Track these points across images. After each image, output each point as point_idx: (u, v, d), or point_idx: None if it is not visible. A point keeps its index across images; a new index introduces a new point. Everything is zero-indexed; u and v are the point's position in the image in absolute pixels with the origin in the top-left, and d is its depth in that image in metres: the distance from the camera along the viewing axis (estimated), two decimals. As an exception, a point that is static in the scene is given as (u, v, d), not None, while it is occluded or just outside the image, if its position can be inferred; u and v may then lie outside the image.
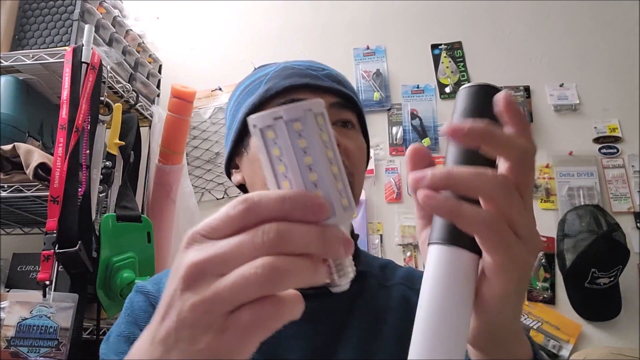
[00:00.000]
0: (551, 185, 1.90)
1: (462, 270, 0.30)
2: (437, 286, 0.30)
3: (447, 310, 0.30)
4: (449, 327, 0.29)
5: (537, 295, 1.78)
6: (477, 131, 0.28)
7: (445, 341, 0.29)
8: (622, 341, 1.69)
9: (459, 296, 0.30)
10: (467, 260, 0.30)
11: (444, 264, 0.30)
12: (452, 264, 0.30)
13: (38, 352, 1.22)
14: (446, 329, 0.29)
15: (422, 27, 2.18)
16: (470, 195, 0.29)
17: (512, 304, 0.31)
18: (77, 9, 1.59)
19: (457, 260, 0.30)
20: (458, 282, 0.30)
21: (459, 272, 0.30)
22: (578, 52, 2.05)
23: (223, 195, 2.06)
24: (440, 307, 0.30)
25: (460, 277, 0.30)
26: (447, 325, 0.29)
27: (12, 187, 1.39)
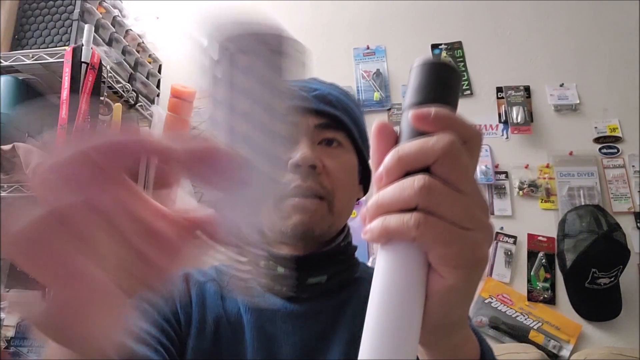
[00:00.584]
0: (551, 185, 1.90)
1: (410, 265, 0.30)
2: (386, 283, 0.30)
3: (396, 307, 0.29)
4: (398, 326, 0.29)
5: (537, 296, 1.78)
6: (441, 117, 0.29)
7: (394, 339, 0.29)
8: (623, 341, 1.69)
9: (407, 293, 0.29)
10: (416, 255, 0.30)
11: (392, 260, 0.30)
12: (400, 259, 0.30)
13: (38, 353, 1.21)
14: (395, 328, 0.29)
15: (422, 27, 2.18)
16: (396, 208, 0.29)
17: (457, 299, 0.30)
18: (76, 8, 1.59)
19: (405, 256, 0.30)
20: (406, 278, 0.29)
21: (407, 268, 0.30)
22: (578, 52, 2.05)
23: (223, 195, 2.06)
24: (388, 304, 0.29)
25: (409, 272, 0.29)
26: (396, 324, 0.29)
27: (11, 187, 1.39)
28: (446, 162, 0.28)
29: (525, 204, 1.90)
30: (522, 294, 1.79)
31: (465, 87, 2.08)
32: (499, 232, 1.86)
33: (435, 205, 0.28)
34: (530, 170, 1.93)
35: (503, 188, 1.92)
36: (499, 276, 1.82)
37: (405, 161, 0.29)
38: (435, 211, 0.28)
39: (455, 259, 0.28)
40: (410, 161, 0.28)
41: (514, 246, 1.84)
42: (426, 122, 0.29)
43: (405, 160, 0.29)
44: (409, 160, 0.28)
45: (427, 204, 0.28)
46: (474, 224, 0.28)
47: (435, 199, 0.28)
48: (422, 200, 0.27)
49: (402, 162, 0.29)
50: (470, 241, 0.28)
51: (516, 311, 1.77)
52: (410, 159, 0.28)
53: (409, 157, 0.28)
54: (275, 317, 0.61)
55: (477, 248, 0.29)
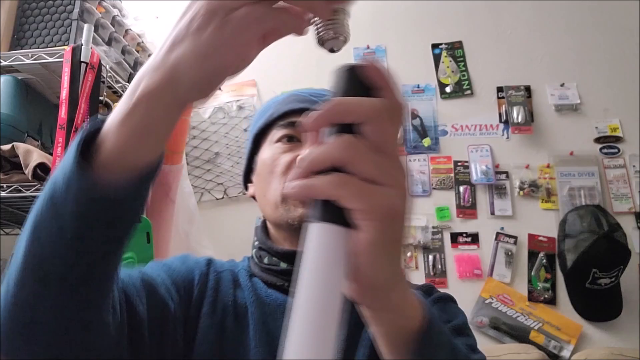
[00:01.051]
0: (552, 186, 1.89)
1: (330, 246, 0.31)
2: (305, 265, 0.31)
3: (314, 289, 0.30)
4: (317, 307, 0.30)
5: (538, 296, 1.78)
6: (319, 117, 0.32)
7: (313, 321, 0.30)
8: (623, 342, 1.69)
9: (326, 272, 0.30)
10: (334, 235, 0.31)
11: (312, 242, 0.31)
12: (319, 240, 0.31)
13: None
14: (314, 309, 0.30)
15: (423, 26, 2.18)
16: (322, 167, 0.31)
17: (381, 253, 0.31)
18: (76, 8, 1.59)
19: (324, 236, 0.31)
20: (325, 259, 0.31)
21: (327, 249, 0.31)
22: (579, 51, 2.04)
23: (223, 195, 2.06)
24: (307, 286, 0.30)
25: (330, 253, 0.31)
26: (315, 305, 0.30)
27: (11, 187, 1.39)
28: (373, 123, 0.31)
29: (525, 204, 1.89)
30: (522, 294, 1.79)
31: (465, 87, 2.07)
32: (499, 232, 1.86)
33: (349, 161, 0.30)
34: (531, 170, 1.92)
35: (503, 188, 1.91)
36: (499, 276, 1.81)
37: (338, 111, 0.31)
38: (354, 166, 0.30)
39: (371, 212, 0.30)
40: (342, 113, 0.31)
41: (514, 246, 1.84)
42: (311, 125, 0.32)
43: (338, 110, 0.31)
44: (344, 111, 0.31)
45: (342, 158, 0.30)
46: (388, 180, 0.31)
47: (355, 155, 0.30)
48: (344, 155, 0.30)
49: (339, 112, 0.31)
50: (384, 195, 0.31)
51: (517, 311, 1.77)
52: (342, 110, 0.31)
53: (343, 108, 0.31)
54: (277, 312, 0.62)
55: (390, 201, 0.31)
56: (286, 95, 0.72)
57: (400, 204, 0.32)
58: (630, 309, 1.72)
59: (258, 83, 2.17)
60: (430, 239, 1.88)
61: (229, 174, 2.08)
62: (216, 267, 0.68)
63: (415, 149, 2.01)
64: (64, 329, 0.40)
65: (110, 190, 0.36)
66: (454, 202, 1.93)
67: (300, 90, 0.73)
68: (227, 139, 2.12)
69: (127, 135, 0.36)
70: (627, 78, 1.98)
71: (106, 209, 0.36)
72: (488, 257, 1.84)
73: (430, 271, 1.85)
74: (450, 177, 1.96)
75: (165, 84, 0.34)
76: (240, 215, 1.99)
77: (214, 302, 0.63)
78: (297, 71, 2.15)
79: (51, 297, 0.38)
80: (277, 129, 0.68)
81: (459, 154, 1.98)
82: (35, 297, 0.38)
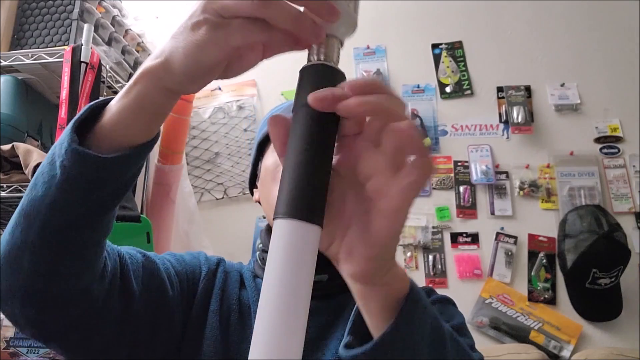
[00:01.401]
0: (552, 186, 1.89)
1: (303, 245, 0.31)
2: (273, 261, 0.31)
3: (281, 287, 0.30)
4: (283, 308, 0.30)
5: (538, 296, 1.78)
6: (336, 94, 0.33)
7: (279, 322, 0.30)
8: (623, 342, 1.69)
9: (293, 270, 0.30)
10: (308, 234, 0.31)
11: (283, 240, 0.31)
12: (293, 239, 0.31)
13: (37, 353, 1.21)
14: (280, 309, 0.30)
15: (422, 26, 2.18)
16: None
17: (402, 219, 0.34)
18: (76, 8, 1.59)
19: (299, 235, 0.31)
20: (292, 256, 0.31)
21: (300, 248, 0.31)
22: (579, 51, 2.04)
23: (223, 195, 2.06)
24: (274, 284, 0.30)
25: (302, 252, 0.31)
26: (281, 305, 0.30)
27: (11, 187, 1.39)
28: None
29: (525, 204, 1.89)
30: (522, 294, 1.79)
31: (465, 87, 2.07)
32: (499, 232, 1.86)
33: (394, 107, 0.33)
34: (531, 170, 1.92)
35: (504, 188, 1.91)
36: (499, 276, 1.81)
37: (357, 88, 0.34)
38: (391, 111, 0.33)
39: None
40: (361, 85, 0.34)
41: (514, 246, 1.84)
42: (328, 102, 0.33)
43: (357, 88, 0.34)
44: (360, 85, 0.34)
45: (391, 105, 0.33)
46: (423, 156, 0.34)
47: (394, 102, 0.34)
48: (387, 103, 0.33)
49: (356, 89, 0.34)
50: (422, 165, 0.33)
51: (517, 311, 1.77)
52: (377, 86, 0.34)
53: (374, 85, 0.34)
54: None
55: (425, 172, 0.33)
56: (289, 103, 0.73)
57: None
58: (630, 309, 1.72)
59: (258, 83, 2.17)
60: (430, 239, 1.88)
61: (229, 174, 2.08)
62: (225, 267, 0.71)
63: (415, 149, 2.01)
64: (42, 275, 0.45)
65: (96, 152, 0.40)
66: (454, 202, 1.93)
67: None
68: (227, 139, 2.12)
69: (121, 109, 0.41)
70: (627, 78, 1.98)
71: (90, 169, 0.40)
72: (488, 257, 1.84)
73: (430, 271, 1.85)
74: (450, 177, 1.96)
75: (160, 69, 0.38)
76: (240, 215, 2.00)
77: (220, 299, 0.65)
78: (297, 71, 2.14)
79: (31, 238, 0.43)
80: None
81: (459, 154, 1.98)
82: (22, 234, 0.43)
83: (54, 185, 0.42)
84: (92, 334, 0.51)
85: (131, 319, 0.54)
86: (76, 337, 0.50)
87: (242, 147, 2.09)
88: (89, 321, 0.50)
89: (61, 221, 0.43)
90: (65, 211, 0.42)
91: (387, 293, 0.39)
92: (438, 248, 1.88)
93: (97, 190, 0.42)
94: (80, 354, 0.53)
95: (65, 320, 0.48)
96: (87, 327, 0.50)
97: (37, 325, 0.48)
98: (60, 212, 0.42)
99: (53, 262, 0.44)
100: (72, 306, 0.47)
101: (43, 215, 0.42)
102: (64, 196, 0.42)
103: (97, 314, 0.50)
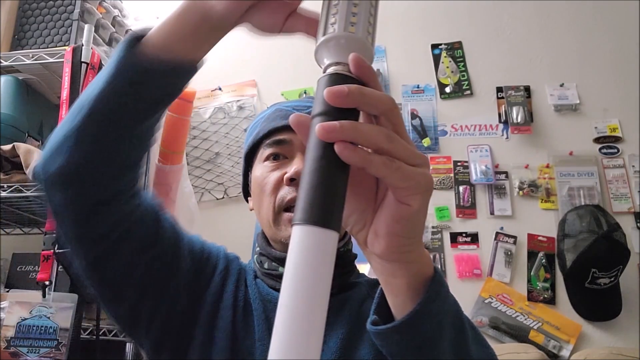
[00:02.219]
0: (551, 185, 1.90)
1: (318, 249, 0.32)
2: (292, 269, 0.32)
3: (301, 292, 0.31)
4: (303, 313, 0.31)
5: (537, 296, 1.78)
6: (355, 92, 0.34)
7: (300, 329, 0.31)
8: (623, 341, 1.69)
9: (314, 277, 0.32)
10: (324, 239, 0.32)
11: (300, 245, 0.32)
12: (309, 244, 0.32)
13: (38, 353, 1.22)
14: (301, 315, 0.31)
15: (422, 27, 2.18)
16: (368, 146, 0.35)
17: (420, 218, 0.38)
18: (76, 8, 1.59)
19: (315, 240, 0.32)
20: (313, 262, 0.32)
21: (316, 252, 0.32)
22: (578, 52, 2.05)
23: (223, 195, 2.06)
24: (296, 289, 0.31)
25: (317, 256, 0.32)
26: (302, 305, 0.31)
27: (11, 187, 1.39)
28: (394, 115, 0.36)
29: (525, 204, 1.90)
30: (522, 294, 1.79)
31: (465, 87, 2.08)
32: (499, 232, 1.86)
33: (395, 150, 0.35)
34: (530, 170, 1.93)
35: (503, 188, 1.92)
36: (499, 276, 1.82)
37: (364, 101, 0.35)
38: (396, 155, 0.35)
39: (416, 188, 0.36)
40: (371, 103, 0.35)
41: (514, 246, 1.84)
42: (344, 99, 0.34)
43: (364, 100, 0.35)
44: (371, 101, 0.35)
45: (390, 148, 0.35)
46: (420, 160, 0.37)
47: (395, 145, 0.35)
48: (387, 145, 0.35)
49: (365, 102, 0.35)
50: (423, 175, 0.37)
51: (516, 311, 1.77)
52: (372, 101, 0.35)
53: (372, 98, 0.35)
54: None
55: (427, 177, 0.37)
56: (271, 111, 0.75)
57: (431, 178, 0.38)
58: (630, 308, 1.72)
59: (258, 83, 2.17)
60: (429, 239, 1.88)
61: (229, 174, 2.08)
62: (240, 265, 0.74)
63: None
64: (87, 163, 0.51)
65: (143, 61, 0.46)
66: (453, 202, 1.93)
67: (284, 104, 0.76)
68: (227, 139, 2.12)
69: (167, 33, 0.46)
70: (627, 78, 1.98)
71: (135, 67, 0.46)
72: (487, 257, 1.85)
73: (430, 271, 1.86)
74: (450, 177, 1.96)
75: (202, 4, 0.44)
76: (240, 215, 2.00)
77: (234, 295, 0.68)
78: (297, 71, 2.15)
79: (77, 124, 0.49)
80: (264, 147, 0.71)
81: (458, 154, 1.99)
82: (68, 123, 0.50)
83: (103, 80, 0.48)
84: (122, 245, 0.57)
85: (155, 249, 0.61)
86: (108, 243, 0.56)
87: (242, 147, 2.10)
88: (124, 226, 0.56)
89: (105, 110, 0.48)
90: (110, 101, 0.48)
91: (413, 271, 0.41)
92: (438, 248, 1.88)
93: (138, 89, 0.48)
94: (103, 269, 0.58)
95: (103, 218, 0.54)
96: (120, 235, 0.56)
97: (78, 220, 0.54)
98: (105, 102, 0.48)
99: (93, 150, 0.50)
100: (107, 204, 0.54)
101: (90, 104, 0.48)
102: (110, 88, 0.47)
103: (130, 225, 0.57)
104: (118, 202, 0.55)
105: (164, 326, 0.64)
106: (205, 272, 0.69)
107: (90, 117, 0.49)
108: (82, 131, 0.49)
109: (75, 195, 0.52)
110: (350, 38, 0.37)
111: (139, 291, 0.61)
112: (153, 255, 0.61)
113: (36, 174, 0.53)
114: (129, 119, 0.50)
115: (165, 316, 0.64)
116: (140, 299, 0.62)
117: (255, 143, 0.73)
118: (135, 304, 0.62)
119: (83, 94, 0.51)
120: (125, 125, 0.50)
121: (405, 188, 0.36)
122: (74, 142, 0.50)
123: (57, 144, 0.51)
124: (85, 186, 0.52)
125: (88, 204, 0.53)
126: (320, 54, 0.39)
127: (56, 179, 0.51)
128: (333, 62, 0.37)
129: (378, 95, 0.35)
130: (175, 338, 0.64)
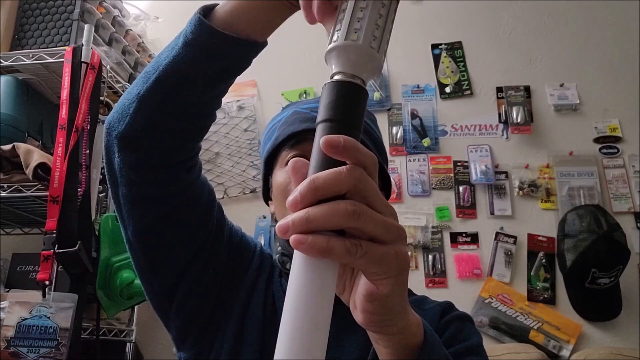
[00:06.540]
0: (551, 185, 1.90)
1: (325, 274, 0.32)
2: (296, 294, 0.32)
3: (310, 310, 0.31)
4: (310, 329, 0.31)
5: (537, 296, 1.78)
6: (349, 147, 0.32)
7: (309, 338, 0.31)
8: (623, 341, 1.69)
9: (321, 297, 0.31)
10: (327, 267, 0.32)
11: (303, 272, 0.32)
12: (311, 272, 0.32)
13: (38, 352, 1.21)
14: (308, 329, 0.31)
15: (422, 27, 2.18)
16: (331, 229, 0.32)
17: (394, 300, 0.35)
18: (76, 8, 1.59)
19: (321, 266, 0.32)
20: (320, 284, 0.32)
21: (322, 276, 0.32)
22: (578, 52, 2.05)
23: (223, 195, 2.06)
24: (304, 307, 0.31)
25: (321, 285, 0.32)
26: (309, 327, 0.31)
27: (11, 187, 1.39)
28: (360, 189, 0.32)
29: (525, 204, 1.90)
30: (522, 294, 1.79)
31: (465, 87, 2.08)
32: (499, 232, 1.86)
33: (364, 227, 0.32)
34: (530, 170, 1.93)
35: (503, 188, 1.92)
36: (499, 276, 1.82)
37: (321, 191, 0.31)
38: (365, 232, 0.32)
39: (386, 273, 0.33)
40: (325, 191, 0.32)
41: (514, 246, 1.84)
42: (336, 151, 0.32)
43: (321, 190, 0.31)
44: (325, 190, 0.32)
45: (357, 225, 0.31)
46: (394, 235, 0.33)
47: (363, 221, 0.31)
48: (352, 222, 0.31)
49: (319, 192, 0.32)
50: (395, 254, 0.33)
51: (516, 311, 1.77)
52: (326, 189, 0.32)
53: (325, 187, 0.32)
54: None
55: (401, 257, 0.33)
56: (289, 114, 0.75)
57: (407, 255, 0.35)
58: (630, 308, 1.72)
59: (258, 83, 2.18)
60: (429, 239, 1.88)
61: (229, 174, 2.08)
62: (272, 262, 0.75)
63: (415, 149, 2.01)
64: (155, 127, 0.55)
65: (215, 32, 0.49)
66: (453, 202, 1.93)
67: (301, 106, 0.75)
68: (227, 139, 2.12)
69: (234, 6, 0.49)
70: (627, 78, 1.98)
71: (205, 36, 0.49)
72: (487, 257, 1.85)
73: (429, 271, 1.86)
74: (450, 177, 1.96)
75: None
76: (240, 215, 2.00)
77: (264, 294, 0.69)
78: (297, 71, 2.15)
79: (144, 89, 0.53)
80: (285, 150, 0.71)
81: (458, 154, 1.99)
82: (136, 88, 0.54)
83: (173, 48, 0.51)
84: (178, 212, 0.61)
85: (205, 228, 0.64)
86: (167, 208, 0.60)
87: (243, 147, 2.10)
88: (184, 195, 0.60)
89: (172, 78, 0.51)
90: (177, 70, 0.51)
91: (398, 342, 0.40)
92: (438, 248, 1.88)
93: (206, 59, 0.50)
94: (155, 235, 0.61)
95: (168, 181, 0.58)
96: (179, 202, 0.60)
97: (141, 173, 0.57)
98: (173, 70, 0.51)
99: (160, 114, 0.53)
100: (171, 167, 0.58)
101: (159, 71, 0.51)
102: (179, 57, 0.50)
103: (190, 195, 0.61)
104: (180, 169, 0.59)
105: (195, 310, 0.64)
106: (241, 264, 0.71)
107: (158, 82, 0.51)
108: (149, 97, 0.52)
109: (143, 155, 0.55)
110: (350, 48, 0.37)
111: (181, 267, 0.63)
112: (202, 234, 0.64)
113: (108, 129, 0.57)
114: (197, 87, 0.52)
115: (199, 300, 0.64)
116: (181, 275, 0.63)
117: (276, 148, 0.72)
118: (175, 280, 0.63)
119: (153, 61, 0.54)
120: (191, 93, 0.53)
121: (374, 273, 0.33)
122: (139, 107, 0.53)
123: (125, 106, 0.54)
124: (154, 147, 0.55)
125: (154, 166, 0.56)
126: (327, 60, 0.39)
127: (127, 138, 0.54)
128: (335, 72, 0.37)
129: (364, 153, 0.33)
130: (202, 326, 0.65)
